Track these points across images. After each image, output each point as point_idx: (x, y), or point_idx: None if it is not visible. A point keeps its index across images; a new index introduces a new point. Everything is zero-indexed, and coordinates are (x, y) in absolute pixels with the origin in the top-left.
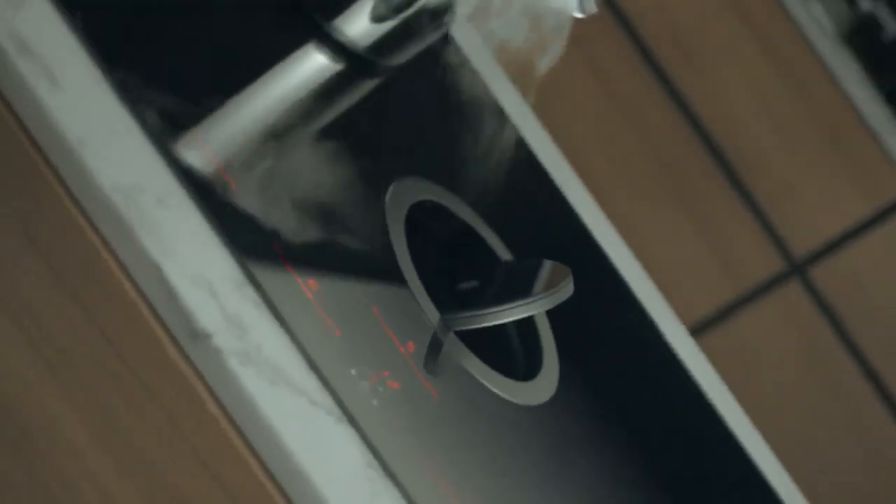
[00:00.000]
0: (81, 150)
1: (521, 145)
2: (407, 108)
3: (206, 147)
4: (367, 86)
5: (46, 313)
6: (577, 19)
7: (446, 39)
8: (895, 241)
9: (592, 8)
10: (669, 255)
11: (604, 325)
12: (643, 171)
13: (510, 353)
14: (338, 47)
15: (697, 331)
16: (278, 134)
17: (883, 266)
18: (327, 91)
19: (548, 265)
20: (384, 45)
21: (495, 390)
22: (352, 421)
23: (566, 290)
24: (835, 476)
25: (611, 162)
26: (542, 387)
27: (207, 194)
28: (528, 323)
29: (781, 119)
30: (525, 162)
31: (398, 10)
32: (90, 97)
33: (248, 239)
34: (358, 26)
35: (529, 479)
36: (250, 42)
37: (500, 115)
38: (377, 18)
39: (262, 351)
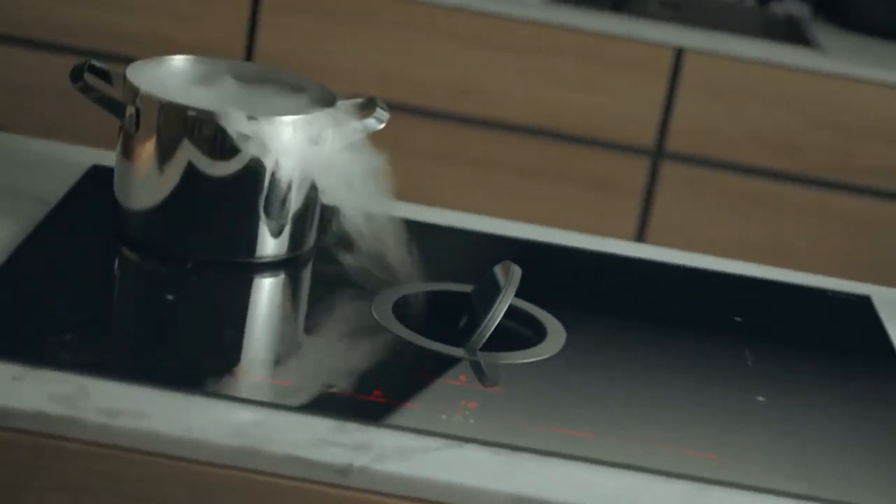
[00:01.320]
0: (192, 435)
1: (414, 223)
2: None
3: (251, 376)
4: (307, 271)
5: None
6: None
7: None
8: (696, 86)
9: (385, 116)
10: (566, 220)
11: (574, 279)
12: (495, 184)
13: (522, 336)
14: (271, 265)
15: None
16: (284, 339)
17: (707, 101)
18: (288, 287)
19: (497, 268)
20: (294, 241)
21: (530, 360)
22: (466, 440)
23: (517, 272)
24: (807, 245)
25: (467, 197)
26: (556, 338)
27: (279, 398)
28: (519, 312)
29: (540, 80)
30: (428, 231)
31: (283, 216)
32: (173, 406)
33: (319, 401)
34: (271, 244)
35: (586, 393)
36: (227, 301)
37: (393, 223)
38: (275, 232)
39: (385, 446)
